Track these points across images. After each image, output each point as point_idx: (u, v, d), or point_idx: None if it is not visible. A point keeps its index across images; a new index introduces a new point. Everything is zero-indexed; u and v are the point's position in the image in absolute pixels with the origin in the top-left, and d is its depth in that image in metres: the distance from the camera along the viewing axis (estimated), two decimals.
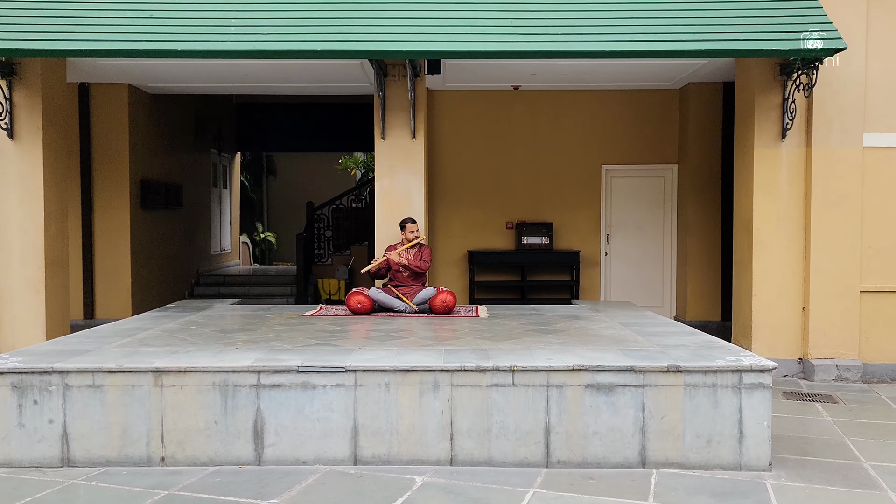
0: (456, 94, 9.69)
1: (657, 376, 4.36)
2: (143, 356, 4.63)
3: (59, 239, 7.45)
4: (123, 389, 4.39)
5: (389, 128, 7.67)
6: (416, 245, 7.13)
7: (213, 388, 4.40)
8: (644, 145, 9.80)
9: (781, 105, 7.15)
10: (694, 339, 5.23)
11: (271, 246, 19.67)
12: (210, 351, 4.82)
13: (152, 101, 10.26)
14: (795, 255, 7.23)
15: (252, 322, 6.23)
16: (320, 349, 4.89)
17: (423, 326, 6.04)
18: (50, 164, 7.26)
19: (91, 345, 5.07)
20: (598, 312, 6.84)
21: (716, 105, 9.32)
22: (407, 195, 7.69)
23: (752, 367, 4.35)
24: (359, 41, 6.31)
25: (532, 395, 4.39)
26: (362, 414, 4.40)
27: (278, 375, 4.40)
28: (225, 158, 14.58)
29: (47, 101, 7.18)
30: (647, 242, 9.87)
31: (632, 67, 8.52)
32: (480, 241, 9.85)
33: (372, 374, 4.41)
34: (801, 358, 7.24)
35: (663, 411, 4.37)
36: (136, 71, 8.71)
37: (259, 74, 8.69)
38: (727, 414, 4.36)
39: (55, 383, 4.39)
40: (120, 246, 9.46)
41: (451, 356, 4.63)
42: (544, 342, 5.15)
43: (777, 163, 7.21)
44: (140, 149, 9.84)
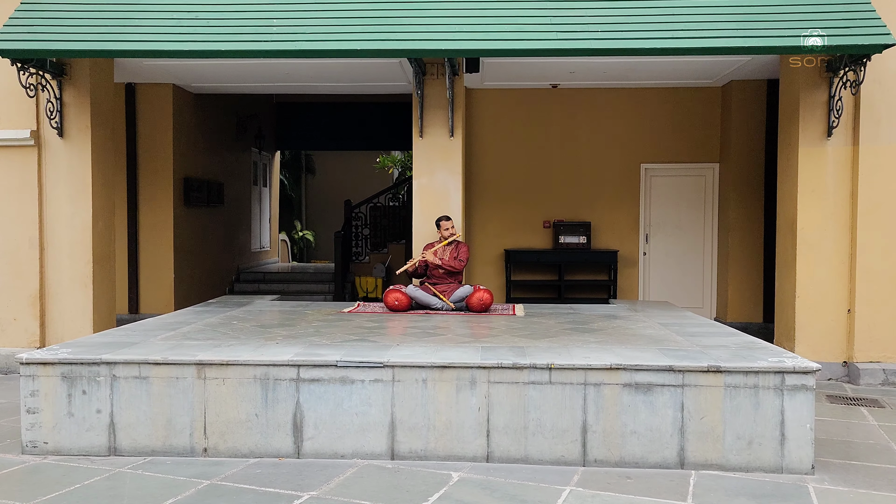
0: (494, 92, 9.69)
1: (697, 376, 4.31)
2: (187, 349, 4.74)
3: (106, 235, 7.65)
4: (168, 381, 4.50)
5: (427, 126, 7.70)
6: (453, 242, 7.15)
7: (254, 382, 4.48)
8: (684, 144, 9.68)
9: (827, 102, 7.00)
10: (735, 340, 5.15)
11: (309, 244, 19.88)
12: (251, 345, 4.90)
13: (195, 101, 10.47)
14: (841, 255, 7.07)
15: (291, 318, 6.32)
16: (359, 345, 4.94)
17: (459, 324, 6.06)
18: (98, 162, 7.46)
19: (137, 337, 5.20)
20: (636, 312, 6.77)
21: (759, 103, 9.16)
22: (445, 193, 7.71)
23: (794, 369, 4.27)
24: (399, 40, 6.35)
25: (569, 394, 4.38)
26: (400, 409, 4.44)
27: (318, 370, 4.46)
28: (265, 157, 14.80)
29: (95, 100, 7.38)
30: (686, 242, 9.74)
31: (672, 65, 8.42)
32: (517, 240, 9.83)
33: (409, 370, 4.44)
34: (846, 361, 7.08)
35: (703, 412, 4.32)
36: (181, 71, 8.90)
37: (299, 74, 8.81)
38: (769, 415, 4.29)
39: (103, 374, 4.52)
40: (163, 242, 9.67)
41: (488, 353, 4.64)
42: (582, 341, 5.13)
43: (822, 161, 7.06)
44: (183, 147, 10.05)
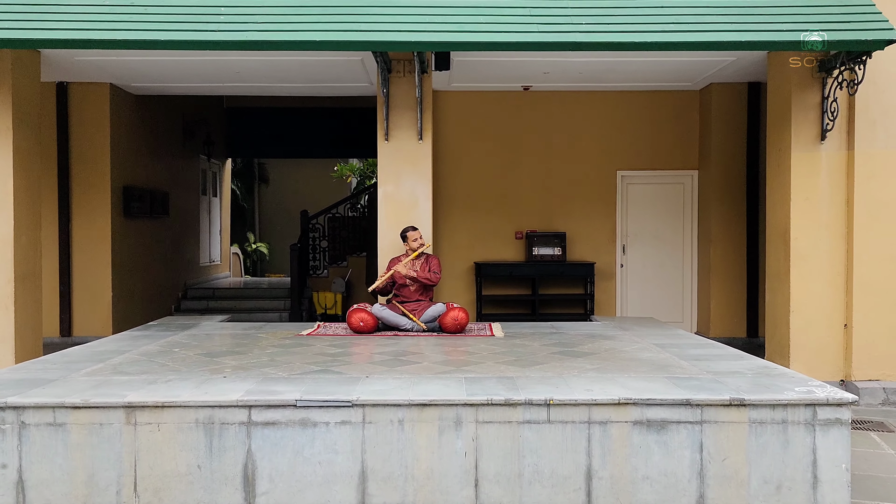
0: (462, 95, 9.09)
1: (717, 411, 3.73)
2: (115, 387, 3.97)
3: (30, 250, 6.79)
4: (90, 428, 3.72)
5: (394, 129, 7.03)
6: (422, 255, 6.49)
7: (195, 427, 3.73)
8: (662, 150, 9.22)
9: (821, 104, 6.58)
10: (746, 364, 4.61)
11: (263, 257, 18.97)
12: (193, 380, 4.15)
13: (136, 103, 9.60)
14: (837, 267, 6.64)
15: (243, 343, 5.57)
16: (321, 378, 4.24)
17: (433, 348, 5.39)
18: (21, 168, 6.63)
19: (56, 372, 4.40)
20: (624, 331, 6.20)
21: (740, 107, 8.75)
22: (413, 201, 7.04)
23: (828, 401, 3.72)
24: (362, 31, 5.71)
25: (571, 434, 3.75)
26: (372, 456, 3.75)
27: (273, 411, 3.74)
28: (215, 165, 13.92)
29: (18, 99, 6.56)
30: (665, 253, 9.26)
31: (651, 66, 7.94)
32: (488, 253, 9.22)
33: (383, 409, 3.75)
34: (844, 380, 6.64)
35: (725, 452, 3.73)
36: (118, 69, 8.06)
37: (250, 73, 8.07)
38: (799, 455, 3.73)
39: (9, 421, 3.72)
40: (100, 257, 8.78)
41: (474, 386, 3.98)
42: (577, 368, 4.51)
43: (816, 167, 6.64)
44: (123, 153, 9.18)
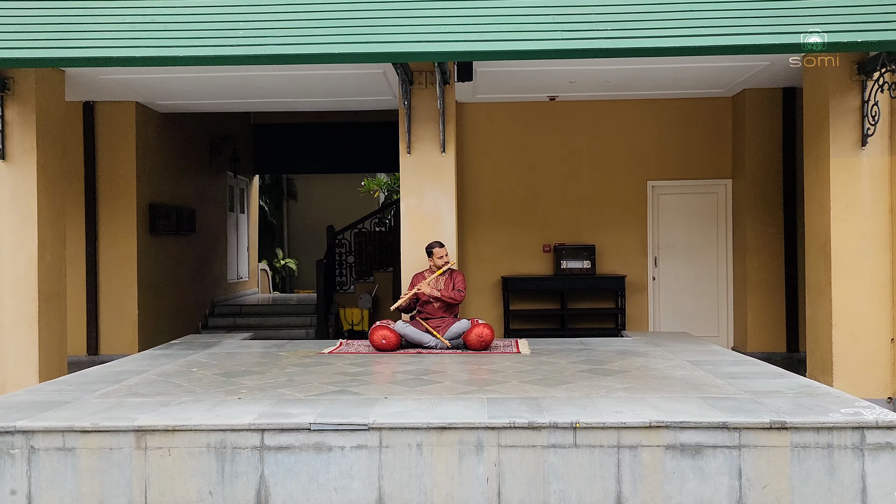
0: (487, 106, 8.94)
1: (757, 435, 3.49)
2: (126, 410, 3.87)
3: (55, 269, 6.79)
4: (99, 453, 3.62)
5: (416, 141, 6.90)
6: (447, 272, 6.33)
7: (207, 451, 3.61)
8: (694, 159, 8.95)
9: (861, 108, 6.29)
10: (786, 383, 4.35)
11: (292, 273, 18.98)
12: (207, 402, 4.04)
13: (162, 121, 9.64)
14: (881, 278, 6.31)
15: (262, 362, 5.46)
16: (338, 399, 4.09)
17: (457, 366, 5.21)
18: (46, 187, 6.63)
19: (71, 394, 4.32)
20: (656, 347, 5.96)
21: (775, 113, 8.44)
22: (436, 215, 6.89)
23: (877, 424, 3.47)
24: (382, 42, 5.58)
25: (599, 459, 3.54)
26: (389, 482, 3.58)
27: (286, 435, 3.60)
28: (242, 181, 13.96)
29: (43, 118, 6.57)
30: (699, 265, 8.96)
31: (681, 72, 7.70)
32: (515, 266, 9.02)
33: (401, 433, 3.59)
34: (891, 397, 6.29)
35: (765, 479, 3.49)
36: (143, 87, 8.08)
37: (273, 88, 8.02)
38: (846, 483, 3.48)
39: (18, 445, 3.64)
40: (126, 275, 8.76)
41: (496, 408, 3.80)
42: (605, 388, 4.30)
43: (857, 173, 6.33)
44: (149, 171, 9.20)
